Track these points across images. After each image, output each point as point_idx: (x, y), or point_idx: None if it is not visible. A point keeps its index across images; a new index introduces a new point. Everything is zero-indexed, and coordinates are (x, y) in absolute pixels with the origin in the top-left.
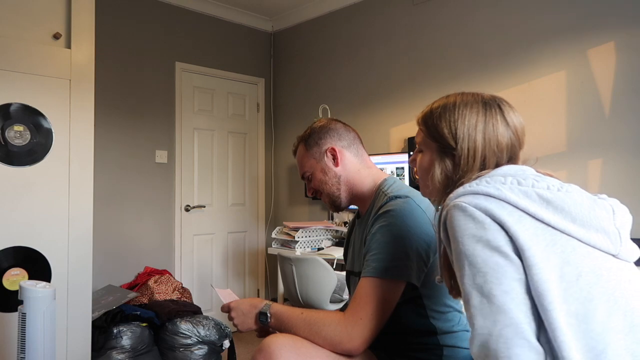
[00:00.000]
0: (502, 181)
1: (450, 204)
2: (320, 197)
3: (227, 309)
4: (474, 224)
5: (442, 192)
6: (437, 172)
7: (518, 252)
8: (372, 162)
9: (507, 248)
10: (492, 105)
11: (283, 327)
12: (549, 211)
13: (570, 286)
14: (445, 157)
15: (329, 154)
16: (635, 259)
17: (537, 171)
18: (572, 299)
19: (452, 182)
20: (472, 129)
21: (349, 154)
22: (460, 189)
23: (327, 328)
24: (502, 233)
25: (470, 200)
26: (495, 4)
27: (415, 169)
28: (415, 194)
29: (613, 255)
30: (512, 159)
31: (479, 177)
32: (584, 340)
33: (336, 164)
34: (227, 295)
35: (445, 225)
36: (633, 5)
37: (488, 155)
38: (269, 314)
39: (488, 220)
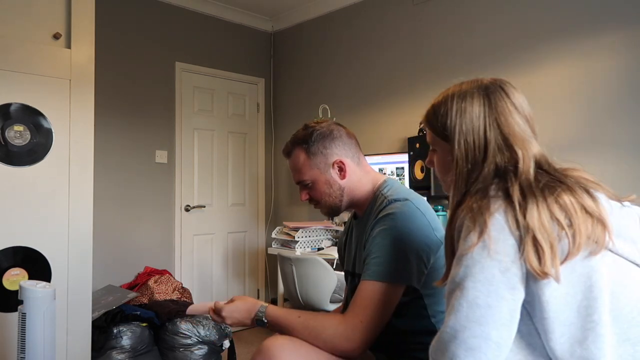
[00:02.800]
0: None
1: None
2: (316, 206)
3: (217, 313)
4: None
5: (462, 188)
6: (455, 169)
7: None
8: (369, 165)
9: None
10: (494, 90)
11: (282, 329)
12: None
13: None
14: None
15: (336, 166)
16: None
17: (556, 167)
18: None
19: (470, 177)
20: (475, 119)
21: (353, 164)
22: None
23: (326, 331)
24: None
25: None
26: (495, 3)
27: (434, 169)
28: (414, 197)
29: (637, 265)
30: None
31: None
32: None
33: (342, 176)
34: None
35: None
36: (633, 5)
37: (500, 144)
38: (265, 320)
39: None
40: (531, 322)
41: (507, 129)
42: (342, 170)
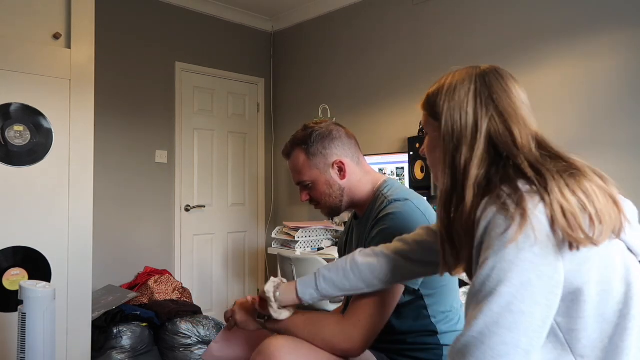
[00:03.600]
0: None
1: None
2: (316, 206)
3: (230, 313)
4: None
5: (450, 166)
6: (442, 145)
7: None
8: (369, 165)
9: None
10: (489, 72)
11: (282, 328)
12: None
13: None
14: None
15: (335, 166)
16: None
17: (558, 150)
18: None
19: (456, 153)
20: (464, 96)
21: (352, 164)
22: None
23: (326, 330)
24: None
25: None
26: (495, 3)
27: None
28: (414, 196)
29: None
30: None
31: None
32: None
33: (342, 176)
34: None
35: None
36: (633, 5)
37: (494, 122)
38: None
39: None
40: (553, 320)
41: (500, 105)
42: (342, 170)
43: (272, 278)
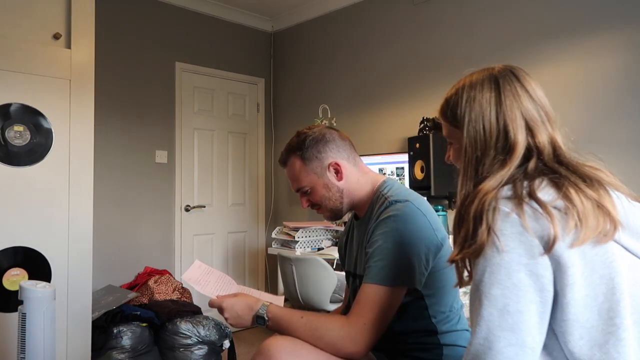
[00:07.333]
0: None
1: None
2: (318, 211)
3: (217, 306)
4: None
5: (472, 176)
6: (464, 157)
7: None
8: (366, 166)
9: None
10: (504, 75)
11: (282, 330)
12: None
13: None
14: None
15: (331, 168)
16: None
17: (572, 160)
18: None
19: (479, 164)
20: (485, 105)
21: (348, 165)
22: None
23: (330, 333)
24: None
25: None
26: (495, 3)
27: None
28: (414, 197)
29: None
30: (543, 140)
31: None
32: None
33: (339, 178)
34: (202, 279)
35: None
36: (633, 5)
37: (512, 134)
38: (266, 317)
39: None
40: (548, 323)
41: (510, 114)
42: (338, 172)
43: None
